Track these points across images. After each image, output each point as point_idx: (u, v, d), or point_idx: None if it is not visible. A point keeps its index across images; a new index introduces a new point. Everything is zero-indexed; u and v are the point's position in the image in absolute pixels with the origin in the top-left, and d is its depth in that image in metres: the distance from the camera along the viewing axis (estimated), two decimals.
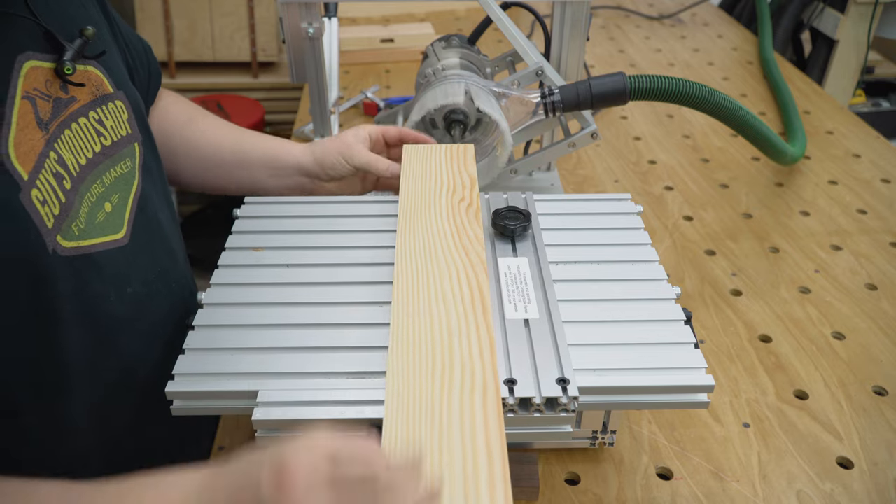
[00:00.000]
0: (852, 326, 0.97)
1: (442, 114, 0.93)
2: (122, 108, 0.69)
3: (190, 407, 0.60)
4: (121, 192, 0.67)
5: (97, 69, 0.67)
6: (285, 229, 0.78)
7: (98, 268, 0.62)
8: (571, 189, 1.27)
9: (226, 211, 0.86)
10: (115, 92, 0.69)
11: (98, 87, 0.66)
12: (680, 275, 1.06)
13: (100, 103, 0.66)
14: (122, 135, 0.68)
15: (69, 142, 0.61)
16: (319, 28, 1.00)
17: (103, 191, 0.65)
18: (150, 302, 0.70)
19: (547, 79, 0.96)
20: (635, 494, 0.74)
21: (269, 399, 0.59)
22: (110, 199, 0.66)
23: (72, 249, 0.59)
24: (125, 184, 0.68)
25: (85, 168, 0.63)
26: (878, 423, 0.83)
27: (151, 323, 0.70)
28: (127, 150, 0.69)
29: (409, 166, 0.81)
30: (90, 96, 0.65)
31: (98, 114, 0.65)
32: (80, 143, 0.62)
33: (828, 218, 1.19)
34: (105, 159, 0.66)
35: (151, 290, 0.70)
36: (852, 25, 1.99)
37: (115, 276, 0.64)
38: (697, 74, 1.73)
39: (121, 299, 0.65)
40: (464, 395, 0.55)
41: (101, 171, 0.65)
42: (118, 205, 0.67)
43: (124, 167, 0.68)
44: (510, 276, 0.71)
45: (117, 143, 0.68)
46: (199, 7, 2.35)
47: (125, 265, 0.66)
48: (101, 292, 0.63)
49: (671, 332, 0.65)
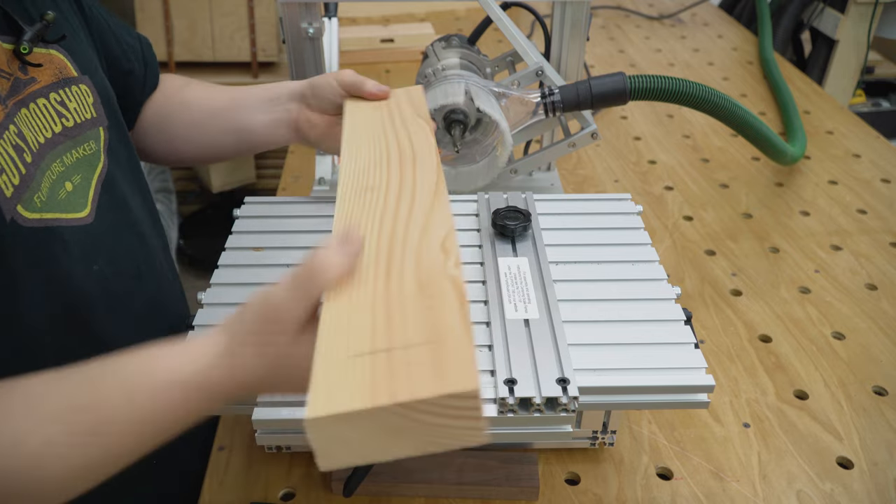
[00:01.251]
0: (852, 326, 0.97)
1: (442, 114, 0.93)
2: (87, 92, 0.70)
3: None
4: (83, 172, 0.69)
5: (60, 53, 0.68)
6: (285, 229, 0.78)
7: (63, 243, 0.63)
8: (571, 189, 1.27)
9: (226, 211, 0.86)
10: (80, 76, 0.70)
11: (61, 69, 0.68)
12: (680, 275, 1.06)
13: (62, 85, 0.67)
14: (86, 118, 0.70)
15: (27, 120, 0.63)
16: (319, 28, 1.00)
17: (63, 170, 0.66)
18: (117, 281, 0.70)
19: (547, 79, 0.96)
20: (635, 494, 0.74)
21: (269, 399, 0.59)
22: (71, 179, 0.67)
23: (35, 221, 0.60)
24: (88, 165, 0.69)
25: (44, 146, 0.64)
26: (878, 423, 0.83)
27: (122, 303, 0.70)
28: (91, 133, 0.70)
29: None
30: (52, 78, 0.66)
31: (60, 95, 0.67)
32: (39, 121, 0.64)
33: (828, 218, 1.19)
34: (66, 140, 0.67)
35: (118, 269, 0.70)
36: (852, 25, 1.99)
37: (80, 253, 0.65)
38: (697, 74, 1.73)
39: (87, 276, 0.66)
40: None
41: (62, 150, 0.66)
42: (80, 185, 0.68)
43: (87, 149, 0.70)
44: (510, 276, 0.71)
45: (80, 125, 0.69)
46: (199, 7, 2.35)
47: (90, 243, 0.67)
48: (68, 267, 0.64)
49: (671, 332, 0.65)
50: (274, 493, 0.73)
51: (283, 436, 0.60)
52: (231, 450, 0.78)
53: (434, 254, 0.50)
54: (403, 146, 0.66)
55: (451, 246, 0.51)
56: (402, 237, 0.53)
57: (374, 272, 0.49)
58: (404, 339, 0.43)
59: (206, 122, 0.86)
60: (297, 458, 0.76)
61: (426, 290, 0.47)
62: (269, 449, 0.76)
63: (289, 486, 0.74)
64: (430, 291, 0.47)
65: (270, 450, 0.76)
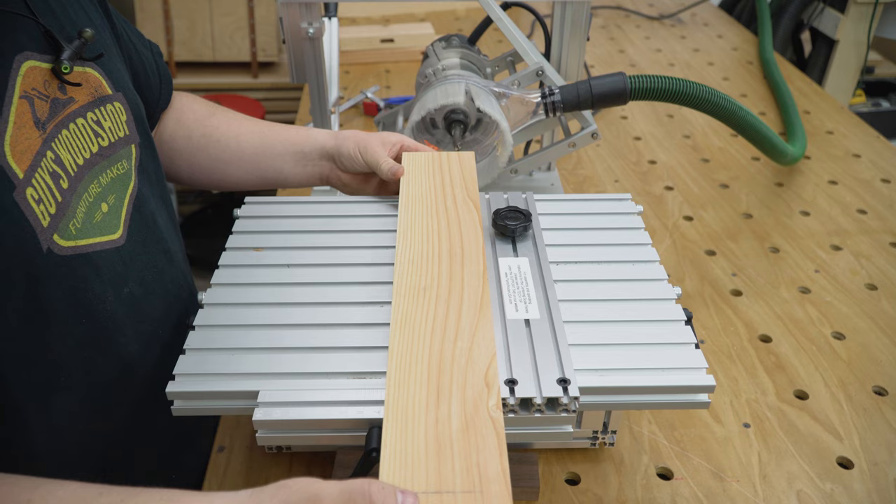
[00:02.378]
0: (852, 326, 0.97)
1: (442, 114, 0.93)
2: (121, 110, 0.70)
3: (190, 407, 0.60)
4: (117, 192, 0.68)
5: (96, 71, 0.67)
6: (285, 229, 0.78)
7: (96, 268, 0.63)
8: (571, 189, 1.27)
9: (226, 211, 0.86)
10: (114, 93, 0.69)
11: (97, 88, 0.67)
12: (680, 275, 1.06)
13: (98, 104, 0.66)
14: (119, 136, 0.69)
15: (66, 142, 0.62)
16: (319, 28, 1.00)
17: (100, 191, 0.65)
18: (147, 302, 0.70)
19: (547, 79, 0.96)
20: (635, 494, 0.74)
21: (269, 399, 0.59)
22: (107, 200, 0.66)
23: (69, 249, 0.60)
24: (121, 185, 0.69)
25: (82, 168, 0.63)
26: (878, 423, 0.83)
27: (149, 322, 0.70)
28: (124, 152, 0.70)
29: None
30: (88, 97, 0.65)
31: (96, 115, 0.66)
32: (77, 143, 0.63)
33: (828, 218, 1.19)
34: (102, 160, 0.66)
35: (148, 290, 0.70)
36: (852, 25, 1.99)
37: (112, 277, 0.65)
38: (697, 74, 1.73)
39: (119, 299, 0.66)
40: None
41: (98, 171, 0.65)
42: (114, 205, 0.67)
43: (121, 168, 0.69)
44: (511, 276, 0.71)
45: (114, 144, 0.68)
46: (199, 7, 2.35)
47: (122, 265, 0.67)
48: (100, 292, 0.63)
49: (672, 333, 0.65)
50: None
51: (283, 436, 0.60)
52: (231, 450, 0.78)
53: (478, 387, 0.56)
54: (454, 238, 0.72)
55: (492, 379, 0.57)
56: (450, 360, 0.59)
57: (426, 398, 0.55)
58: (452, 484, 0.50)
59: (233, 162, 0.86)
60: (297, 458, 0.76)
61: (471, 428, 0.53)
62: (269, 449, 0.76)
63: None
64: (474, 430, 0.53)
65: (270, 450, 0.76)
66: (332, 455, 0.75)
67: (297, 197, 0.85)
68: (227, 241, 0.76)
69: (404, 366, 0.58)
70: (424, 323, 0.62)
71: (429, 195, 0.77)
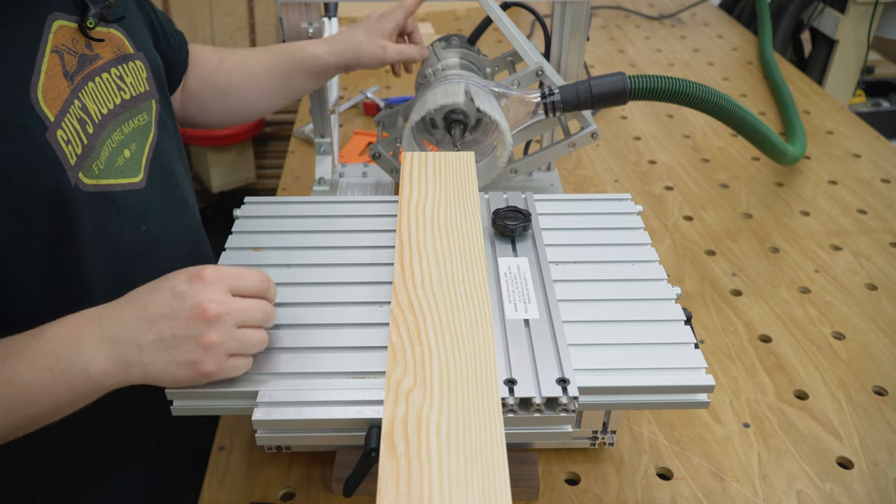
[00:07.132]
0: (852, 326, 0.97)
1: (442, 114, 0.93)
2: (142, 68, 0.77)
3: (190, 406, 0.60)
4: (138, 141, 0.75)
5: (119, 31, 0.75)
6: (285, 229, 0.78)
7: (116, 206, 0.70)
8: (571, 189, 1.27)
9: (226, 211, 0.86)
10: (136, 52, 0.76)
11: (119, 47, 0.74)
12: (680, 275, 1.06)
13: (121, 62, 0.74)
14: (140, 91, 0.76)
15: (92, 93, 0.69)
16: (319, 28, 1.00)
17: (123, 139, 0.73)
18: (163, 240, 0.77)
19: (547, 79, 0.96)
20: (635, 494, 0.74)
21: (269, 399, 0.59)
22: (129, 147, 0.74)
23: (92, 186, 0.67)
24: (142, 134, 0.76)
25: (106, 117, 0.70)
26: (878, 423, 0.83)
27: (163, 259, 0.76)
28: (144, 105, 0.77)
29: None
30: (112, 55, 0.73)
31: (119, 70, 0.73)
32: (102, 94, 0.70)
33: (828, 218, 1.19)
34: (124, 111, 0.73)
35: (164, 230, 0.77)
36: (852, 25, 1.99)
37: (131, 215, 0.72)
38: (697, 74, 1.73)
39: (136, 236, 0.73)
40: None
41: (121, 121, 0.73)
42: (136, 152, 0.75)
43: (141, 119, 0.76)
44: (510, 276, 0.71)
45: (136, 98, 0.75)
46: (199, 7, 2.35)
47: (141, 205, 0.74)
48: (119, 228, 0.71)
49: (671, 332, 0.65)
50: (274, 493, 0.73)
51: (283, 436, 0.60)
52: (231, 450, 0.78)
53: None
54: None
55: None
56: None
57: None
58: None
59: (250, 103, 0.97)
60: (297, 458, 0.76)
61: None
62: (269, 449, 0.76)
63: (289, 486, 0.74)
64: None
65: (270, 450, 0.76)
66: (331, 455, 0.75)
67: (297, 197, 0.85)
68: (227, 241, 0.76)
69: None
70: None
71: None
